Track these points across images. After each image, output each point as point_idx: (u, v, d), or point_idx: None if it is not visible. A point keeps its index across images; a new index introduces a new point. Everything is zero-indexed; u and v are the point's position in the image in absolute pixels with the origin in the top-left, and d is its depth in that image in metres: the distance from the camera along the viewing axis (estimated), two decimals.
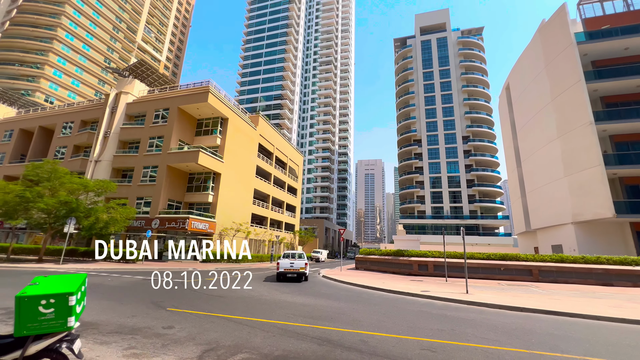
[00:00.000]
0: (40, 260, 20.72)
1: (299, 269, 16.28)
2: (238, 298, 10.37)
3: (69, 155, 33.67)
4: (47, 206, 19.54)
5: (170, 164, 28.83)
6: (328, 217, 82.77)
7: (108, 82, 68.15)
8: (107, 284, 12.43)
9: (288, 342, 5.71)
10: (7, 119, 40.80)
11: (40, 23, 58.73)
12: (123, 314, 7.29)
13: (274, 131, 45.15)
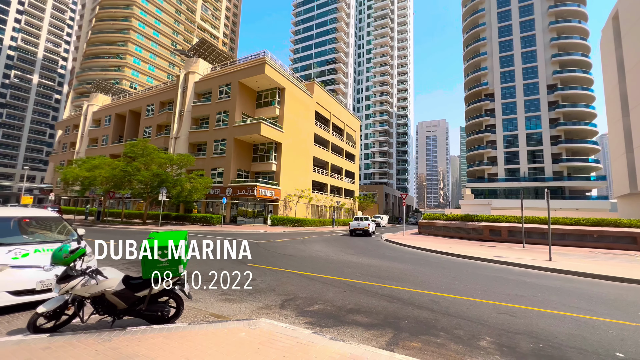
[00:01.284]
0: (144, 223, 25.03)
1: (364, 227, 23.53)
2: (307, 257, 11.16)
3: (154, 134, 38.49)
4: (144, 178, 23.12)
5: (236, 136, 30.94)
6: (387, 183, 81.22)
7: (177, 64, 73.99)
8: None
9: (358, 297, 6.03)
10: (105, 106, 47.89)
11: (118, 15, 65.24)
12: (214, 267, 8.48)
13: (330, 97, 44.50)
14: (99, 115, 47.81)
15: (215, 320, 4.41)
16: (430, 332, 4.31)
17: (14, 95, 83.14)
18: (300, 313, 4.99)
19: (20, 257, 4.71)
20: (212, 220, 26.34)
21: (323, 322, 4.62)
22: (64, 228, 6.30)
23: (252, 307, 5.22)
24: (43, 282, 4.73)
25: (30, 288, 4.61)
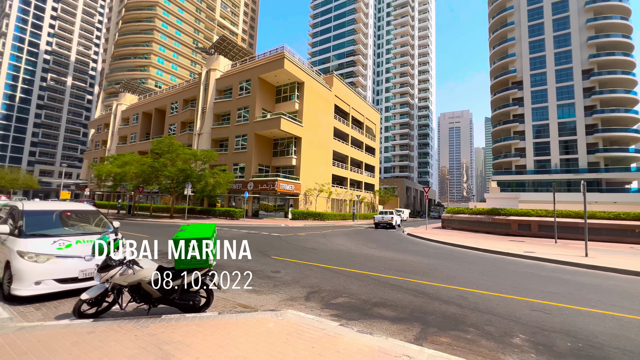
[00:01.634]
0: (171, 216, 26.09)
1: (388, 220, 25.63)
2: (329, 251, 11.20)
3: (178, 131, 39.79)
4: (170, 174, 24.04)
5: (256, 131, 31.38)
6: (408, 176, 79.72)
7: (198, 62, 75.73)
8: (221, 235, 14.91)
9: (383, 291, 5.98)
10: (133, 105, 49.99)
11: (142, 17, 67.46)
12: (239, 259, 8.71)
13: (349, 90, 44.00)
14: (127, 114, 49.99)
15: (243, 310, 4.53)
16: (460, 328, 4.21)
17: (50, 97, 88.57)
18: (325, 305, 5.03)
19: (64, 248, 5.04)
20: (235, 214, 27.01)
21: (349, 314, 4.62)
22: (100, 220, 6.67)
23: (278, 299, 5.31)
24: (85, 270, 5.04)
25: (73, 276, 4.94)
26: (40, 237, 5.14)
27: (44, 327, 3.49)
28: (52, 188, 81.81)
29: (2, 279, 4.94)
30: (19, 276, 4.59)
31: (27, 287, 4.57)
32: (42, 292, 4.67)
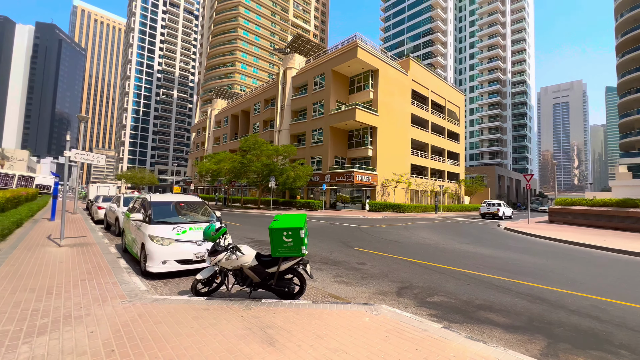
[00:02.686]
0: (258, 208, 28.64)
1: (494, 212, 26.40)
2: (414, 244, 10.55)
3: (261, 129, 43.20)
4: (256, 168, 26.31)
5: (332, 124, 31.75)
6: (500, 163, 70.19)
7: (275, 63, 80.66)
8: None
9: (487, 292, 5.24)
10: (223, 109, 56.33)
11: (227, 29, 75.04)
12: (324, 249, 8.87)
13: (427, 72, 40.70)
14: (219, 117, 56.59)
15: (335, 301, 4.51)
16: (604, 348, 3.33)
17: (163, 109, 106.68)
18: (420, 303, 4.64)
19: (181, 233, 5.85)
20: (314, 205, 28.04)
21: (449, 316, 4.16)
22: (205, 210, 7.57)
23: (368, 292, 5.15)
24: (197, 254, 5.76)
25: (188, 258, 5.70)
26: (163, 224, 6.08)
27: (171, 300, 4.06)
28: (167, 184, 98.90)
29: (140, 257, 6.02)
30: (150, 256, 5.51)
31: (156, 266, 5.47)
32: (167, 270, 5.51)
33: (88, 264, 5.88)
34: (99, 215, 13.97)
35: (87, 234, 9.92)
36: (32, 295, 4.06)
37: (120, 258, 6.60)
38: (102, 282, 4.76)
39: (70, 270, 5.37)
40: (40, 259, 6.19)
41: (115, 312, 3.59)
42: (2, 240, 7.83)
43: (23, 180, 29.43)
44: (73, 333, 3.01)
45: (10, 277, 4.85)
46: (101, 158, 8.27)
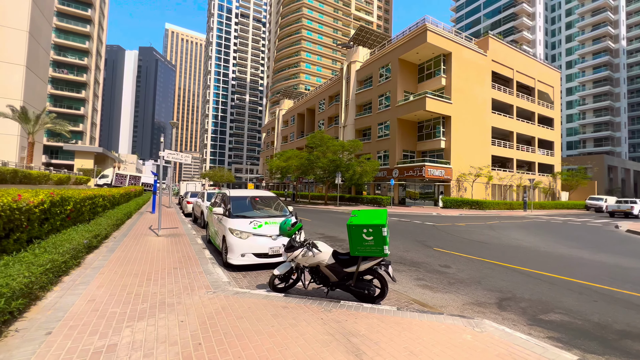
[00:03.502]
0: (325, 203, 28.95)
1: (625, 210, 21.61)
2: (505, 246, 9.10)
3: (326, 126, 43.60)
4: (323, 164, 26.54)
5: (399, 116, 30.13)
6: (611, 152, 57.81)
7: (338, 59, 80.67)
8: None
9: (630, 315, 4.02)
10: (290, 109, 58.67)
11: (292, 31, 77.77)
12: (398, 249, 8.24)
13: (511, 50, 35.51)
14: (286, 117, 59.12)
15: (424, 309, 3.95)
16: None
17: (237, 113, 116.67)
18: (532, 321, 3.77)
19: (258, 228, 5.94)
20: (381, 201, 27.07)
21: (580, 343, 3.24)
22: (278, 205, 7.66)
23: (460, 301, 4.43)
24: (273, 248, 5.79)
25: (265, 252, 5.75)
26: (241, 217, 6.28)
27: (251, 294, 4.05)
28: (242, 181, 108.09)
29: (221, 249, 6.34)
30: (230, 248, 5.72)
31: (236, 258, 5.65)
32: (245, 263, 5.65)
33: (179, 253, 6.43)
34: (188, 209, 15.68)
35: (178, 225, 11.13)
36: (135, 279, 4.50)
37: (205, 249, 7.09)
38: (190, 272, 5.07)
39: (165, 259, 5.91)
40: (143, 246, 7.02)
41: (201, 302, 3.70)
42: (116, 229, 9.23)
43: (133, 179, 35.30)
44: (166, 321, 3.14)
45: (120, 261, 5.54)
46: (188, 157, 9.09)
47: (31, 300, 3.42)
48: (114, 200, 12.82)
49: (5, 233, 4.32)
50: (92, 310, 3.32)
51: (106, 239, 7.63)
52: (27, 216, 4.83)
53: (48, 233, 5.81)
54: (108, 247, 6.78)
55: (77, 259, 5.03)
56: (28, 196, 4.94)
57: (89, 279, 4.40)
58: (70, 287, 4.04)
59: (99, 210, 10.06)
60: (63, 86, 53.00)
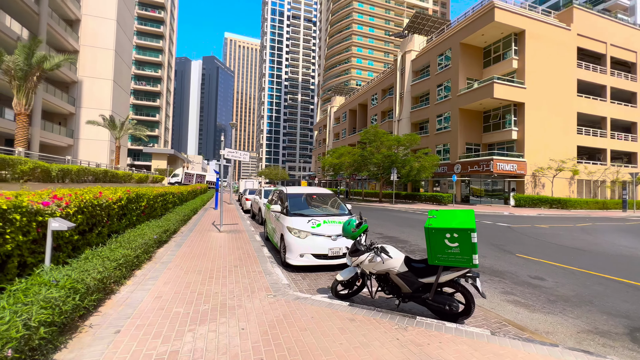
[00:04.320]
0: (380, 201, 27.90)
1: None
2: (612, 255, 7.41)
3: (379, 121, 42.12)
4: (377, 160, 25.53)
5: (461, 106, 27.56)
6: None
7: (391, 52, 77.58)
8: None
9: None
10: (341, 106, 58.22)
11: (342, 27, 76.97)
12: None
13: (603, 20, 29.87)
14: (338, 114, 58.80)
15: (527, 337, 3.17)
16: None
17: (290, 112, 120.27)
18: None
19: (316, 227, 5.61)
20: (442, 199, 25.11)
21: None
22: (335, 202, 7.26)
23: (572, 327, 3.50)
24: (332, 249, 5.41)
25: (324, 253, 5.39)
26: (299, 216, 6.02)
27: (312, 301, 3.70)
28: (295, 179, 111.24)
29: (279, 247, 6.17)
30: (289, 247, 5.49)
31: (294, 258, 5.39)
32: (304, 264, 5.36)
33: (239, 250, 6.44)
34: (247, 205, 16.29)
35: (238, 222, 11.50)
36: (198, 277, 4.50)
37: (264, 247, 7.04)
38: (250, 270, 4.95)
39: (226, 256, 5.94)
40: (206, 242, 7.24)
41: (262, 306, 3.46)
42: (184, 224, 9.82)
43: (199, 177, 38.49)
44: (227, 327, 2.94)
45: (186, 257, 5.70)
46: (246, 155, 9.24)
47: (106, 294, 3.54)
48: (182, 197, 13.84)
49: (89, 227, 4.66)
50: (157, 309, 3.29)
51: (175, 233, 8.09)
52: (107, 212, 5.18)
53: (126, 227, 6.26)
54: (176, 241, 7.13)
55: (148, 254, 5.26)
56: (108, 194, 5.31)
57: (157, 274, 4.52)
58: (141, 281, 4.17)
59: (170, 207, 10.86)
60: (142, 96, 60.27)
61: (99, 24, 30.96)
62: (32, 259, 3.35)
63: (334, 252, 5.39)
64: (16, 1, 20.42)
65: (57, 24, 25.29)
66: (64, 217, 3.72)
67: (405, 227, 11.65)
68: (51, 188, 4.72)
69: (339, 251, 5.42)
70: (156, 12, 59.99)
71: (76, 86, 29.76)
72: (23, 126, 13.86)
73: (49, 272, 3.03)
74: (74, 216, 3.95)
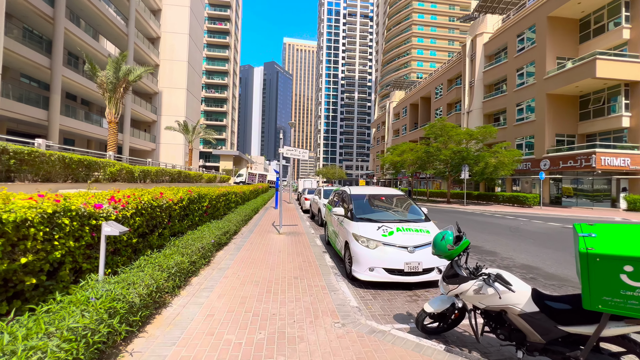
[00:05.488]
0: (448, 201, 25.30)
1: None
2: None
3: (444, 114, 38.61)
4: (445, 157, 23.11)
5: (550, 91, 23.36)
6: None
7: (456, 39, 71.14)
8: (524, 228, 11.56)
9: None
10: (401, 101, 55.28)
11: (401, 18, 73.13)
12: None
13: None
14: (398, 109, 55.99)
15: None
16: None
17: (347, 111, 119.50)
18: None
19: (388, 235, 4.69)
20: (525, 200, 21.58)
21: None
22: (408, 205, 6.21)
23: None
24: (409, 263, 4.42)
25: (399, 268, 4.43)
26: (366, 221, 5.16)
27: (394, 338, 2.83)
28: (352, 178, 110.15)
29: (344, 257, 5.39)
30: (356, 259, 4.66)
31: (362, 272, 4.54)
32: (375, 280, 4.48)
33: (299, 257, 5.85)
34: (306, 205, 15.98)
35: (298, 222, 11.10)
36: (255, 290, 3.97)
37: (325, 253, 6.35)
38: (312, 284, 4.28)
39: (285, 263, 5.39)
40: (266, 245, 6.85)
41: (328, 341, 2.72)
42: (245, 224, 9.75)
43: (260, 177, 40.23)
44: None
45: (244, 263, 5.30)
46: (305, 153, 8.71)
47: (157, 307, 3.18)
48: (245, 196, 14.08)
49: (150, 229, 4.51)
50: (207, 334, 2.77)
51: (235, 234, 7.93)
52: (168, 213, 5.04)
53: (188, 228, 6.18)
54: (236, 244, 6.89)
55: (205, 258, 4.97)
56: (169, 194, 5.18)
57: (213, 284, 4.12)
58: (195, 291, 3.79)
59: (232, 206, 10.98)
60: (211, 103, 65.80)
61: (175, 39, 34.31)
62: (87, 265, 3.14)
63: (412, 268, 4.40)
64: (110, 25, 23.57)
65: (141, 42, 28.63)
66: (121, 220, 3.49)
67: (488, 234, 9.90)
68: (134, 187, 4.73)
69: (418, 266, 4.42)
70: (222, 25, 64.79)
71: (157, 96, 33.45)
72: (113, 133, 15.70)
73: (99, 283, 2.73)
74: (131, 218, 3.73)
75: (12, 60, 16.30)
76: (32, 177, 8.72)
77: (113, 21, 23.53)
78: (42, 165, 8.72)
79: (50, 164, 9.01)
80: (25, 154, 8.10)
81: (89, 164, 10.72)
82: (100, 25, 23.66)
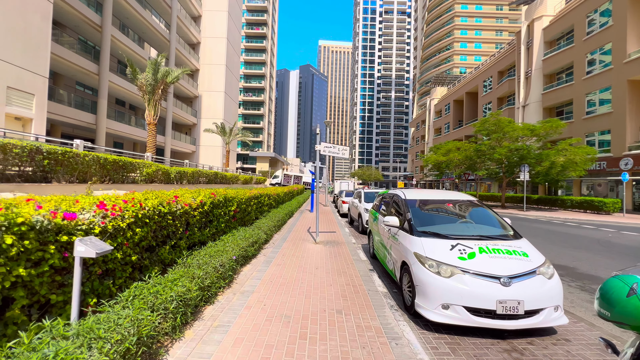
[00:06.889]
0: (502, 206, 22.52)
1: None
2: None
3: (494, 109, 35.06)
4: (500, 156, 20.47)
5: (632, 77, 19.72)
6: None
7: (504, 29, 65.39)
8: (617, 242, 9.28)
9: None
10: (443, 97, 51.81)
11: (442, 10, 68.99)
12: None
13: None
14: (439, 106, 52.58)
15: None
16: None
17: (383, 111, 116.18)
18: None
19: (467, 258, 3.36)
20: (602, 206, 18.27)
21: None
22: (485, 216, 4.71)
23: None
24: (504, 302, 3.03)
25: (489, 308, 3.07)
26: (432, 236, 3.85)
27: None
28: (389, 179, 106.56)
29: (400, 281, 4.12)
30: (423, 290, 3.37)
31: (434, 310, 3.23)
32: (452, 322, 3.15)
33: (341, 277, 4.70)
34: (344, 209, 14.80)
35: (336, 229, 9.97)
36: (285, 332, 2.89)
37: (373, 272, 5.13)
38: (361, 325, 3.10)
39: (324, 286, 4.27)
40: (300, 258, 5.81)
41: None
42: (278, 230, 8.83)
43: (296, 179, 39.80)
44: None
45: (273, 284, 4.29)
46: (345, 150, 7.57)
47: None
48: (279, 199, 13.28)
49: (160, 241, 3.67)
50: None
51: (266, 243, 7.01)
52: (185, 220, 4.19)
53: (213, 236, 5.34)
54: (266, 255, 5.93)
55: (225, 279, 4.00)
56: (186, 197, 4.33)
57: (230, 319, 3.11)
58: (205, 332, 2.80)
59: (265, 209, 10.15)
60: (249, 106, 67.39)
61: (214, 43, 35.18)
62: (58, 297, 2.29)
63: (508, 309, 3.02)
64: (153, 32, 24.49)
65: (183, 47, 29.58)
66: (112, 232, 2.62)
67: (574, 250, 7.92)
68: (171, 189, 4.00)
69: (517, 307, 3.03)
70: (259, 29, 66.11)
71: (197, 100, 34.49)
72: (152, 134, 15.88)
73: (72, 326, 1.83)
74: (129, 230, 2.87)
75: (64, 67, 17.29)
76: (68, 178, 8.62)
77: (156, 28, 24.45)
78: (77, 166, 8.57)
79: (85, 165, 8.85)
80: (59, 154, 7.94)
81: (123, 164, 10.58)
82: (145, 32, 24.70)
